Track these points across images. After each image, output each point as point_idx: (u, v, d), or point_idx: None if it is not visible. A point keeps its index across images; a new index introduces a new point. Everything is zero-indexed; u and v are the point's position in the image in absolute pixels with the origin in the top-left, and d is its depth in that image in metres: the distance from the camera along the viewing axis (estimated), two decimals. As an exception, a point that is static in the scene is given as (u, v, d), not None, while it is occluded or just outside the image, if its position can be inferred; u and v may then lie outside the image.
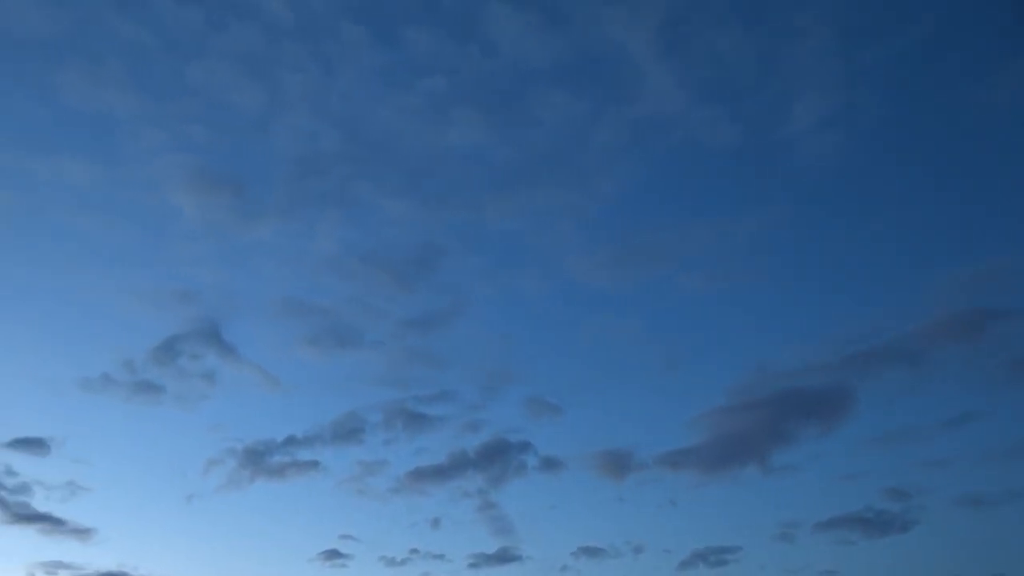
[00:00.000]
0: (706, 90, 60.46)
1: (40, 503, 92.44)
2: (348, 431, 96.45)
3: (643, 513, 61.07)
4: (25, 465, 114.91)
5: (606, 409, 67.57)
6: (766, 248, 62.22)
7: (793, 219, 60.74)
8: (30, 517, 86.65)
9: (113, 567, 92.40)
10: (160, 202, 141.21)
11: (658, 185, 68.05)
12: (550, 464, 60.75)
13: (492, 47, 61.75)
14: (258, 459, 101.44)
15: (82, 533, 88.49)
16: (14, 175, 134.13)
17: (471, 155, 68.82)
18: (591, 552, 58.13)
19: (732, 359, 63.08)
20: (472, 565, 72.57)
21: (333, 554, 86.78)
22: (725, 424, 54.84)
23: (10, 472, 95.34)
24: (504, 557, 59.72)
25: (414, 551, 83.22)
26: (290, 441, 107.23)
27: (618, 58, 60.54)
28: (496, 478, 63.43)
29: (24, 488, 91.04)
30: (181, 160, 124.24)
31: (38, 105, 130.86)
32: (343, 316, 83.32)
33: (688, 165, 67.02)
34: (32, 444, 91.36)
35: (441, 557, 79.39)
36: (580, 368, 69.59)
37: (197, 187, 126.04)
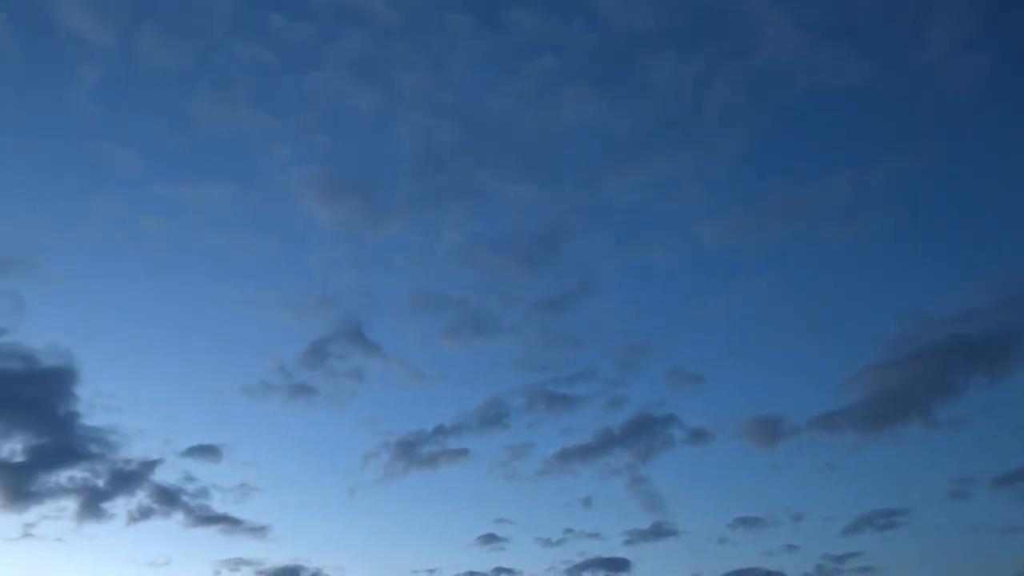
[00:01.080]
0: (825, 28, 54.60)
1: (218, 505, 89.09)
2: (493, 417, 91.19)
3: (799, 479, 56.34)
4: (201, 471, 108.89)
5: (752, 375, 62.68)
6: (910, 191, 57.01)
7: (937, 156, 55.19)
8: (210, 519, 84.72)
9: (288, 561, 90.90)
10: (295, 213, 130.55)
11: (784, 138, 61.65)
12: (697, 436, 57.07)
13: (596, 19, 58.90)
14: (410, 450, 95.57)
15: (258, 531, 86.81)
16: (162, 202, 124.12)
17: (586, 130, 65.05)
18: (748, 523, 54.87)
19: (883, 312, 58.33)
20: (627, 542, 68.64)
21: (490, 538, 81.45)
22: (882, 380, 50.96)
23: (189, 478, 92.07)
24: (659, 532, 56.24)
25: (568, 531, 78.43)
26: (439, 431, 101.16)
27: (726, 10, 56.36)
28: (643, 453, 59.72)
29: (203, 492, 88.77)
30: (310, 170, 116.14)
31: (175, 134, 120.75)
32: (477, 305, 78.85)
33: (814, 112, 60.34)
34: (206, 451, 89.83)
35: (596, 535, 74.67)
36: (720, 335, 64.57)
37: (327, 194, 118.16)
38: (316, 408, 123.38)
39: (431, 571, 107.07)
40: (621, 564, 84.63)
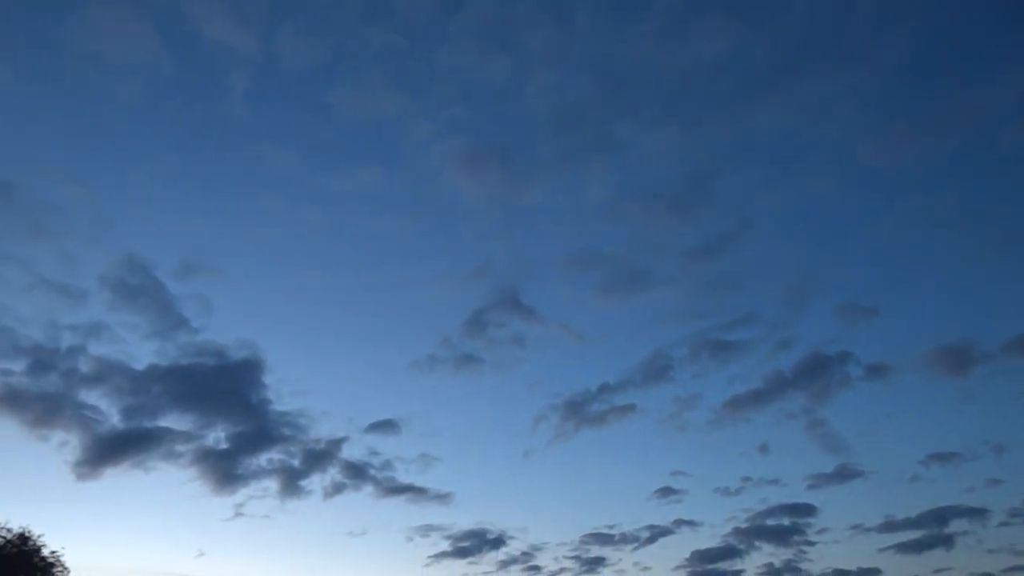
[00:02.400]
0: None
1: (402, 476, 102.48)
2: (657, 370, 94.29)
3: (997, 409, 53.11)
4: (384, 444, 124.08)
5: (931, 301, 58.94)
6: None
7: None
8: (397, 489, 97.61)
9: (474, 525, 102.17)
10: (441, 188, 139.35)
11: (948, 39, 56.05)
12: (876, 372, 55.19)
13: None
14: (578, 410, 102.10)
15: (442, 498, 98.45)
16: (317, 193, 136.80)
17: (724, 63, 62.77)
18: (943, 458, 52.86)
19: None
20: (811, 487, 67.75)
21: (667, 491, 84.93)
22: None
23: (373, 452, 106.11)
24: (844, 474, 55.22)
25: (747, 479, 80.00)
26: (604, 389, 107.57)
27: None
28: (819, 394, 58.70)
29: (388, 465, 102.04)
30: (450, 145, 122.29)
31: (322, 127, 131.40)
32: (629, 259, 79.74)
33: (984, 6, 54.20)
34: (386, 426, 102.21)
35: (776, 482, 75.26)
36: (892, 262, 60.95)
37: (469, 166, 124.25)
38: (483, 376, 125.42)
39: (610, 526, 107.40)
40: (806, 509, 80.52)
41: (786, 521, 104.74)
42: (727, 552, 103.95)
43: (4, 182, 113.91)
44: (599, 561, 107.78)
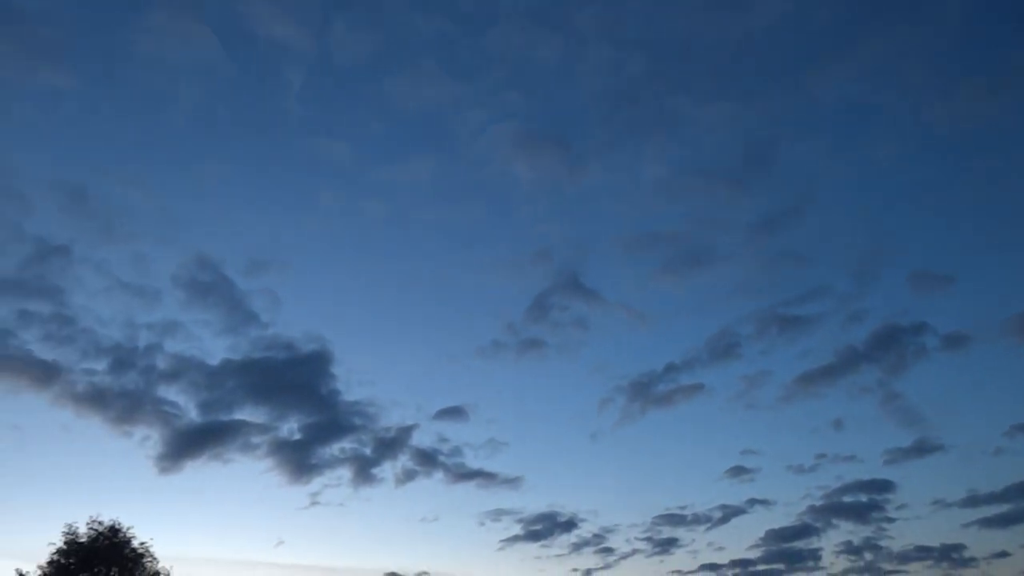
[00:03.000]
0: None
1: (472, 461, 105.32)
2: (724, 348, 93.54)
3: None
4: (452, 431, 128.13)
5: (1011, 267, 56.67)
6: None
7: None
8: (467, 475, 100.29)
9: (544, 508, 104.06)
10: (497, 173, 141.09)
11: None
12: (954, 341, 53.10)
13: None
14: (644, 391, 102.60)
15: (512, 482, 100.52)
16: (375, 185, 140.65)
17: (780, 31, 60.70)
18: None
19: None
20: (888, 462, 65.82)
21: (739, 470, 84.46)
22: None
23: (442, 439, 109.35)
24: (923, 448, 53.34)
25: (821, 456, 78.83)
26: (670, 369, 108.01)
27: None
28: (893, 367, 56.88)
29: (457, 451, 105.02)
30: (504, 129, 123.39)
31: (376, 119, 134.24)
32: (690, 236, 78.58)
33: None
34: (454, 412, 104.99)
35: (852, 458, 73.63)
36: (967, 228, 58.47)
37: (524, 150, 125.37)
38: (547, 360, 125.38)
39: (682, 507, 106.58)
40: (884, 485, 77.97)
41: (863, 498, 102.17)
42: (802, 531, 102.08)
43: (77, 187, 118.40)
44: (672, 542, 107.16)
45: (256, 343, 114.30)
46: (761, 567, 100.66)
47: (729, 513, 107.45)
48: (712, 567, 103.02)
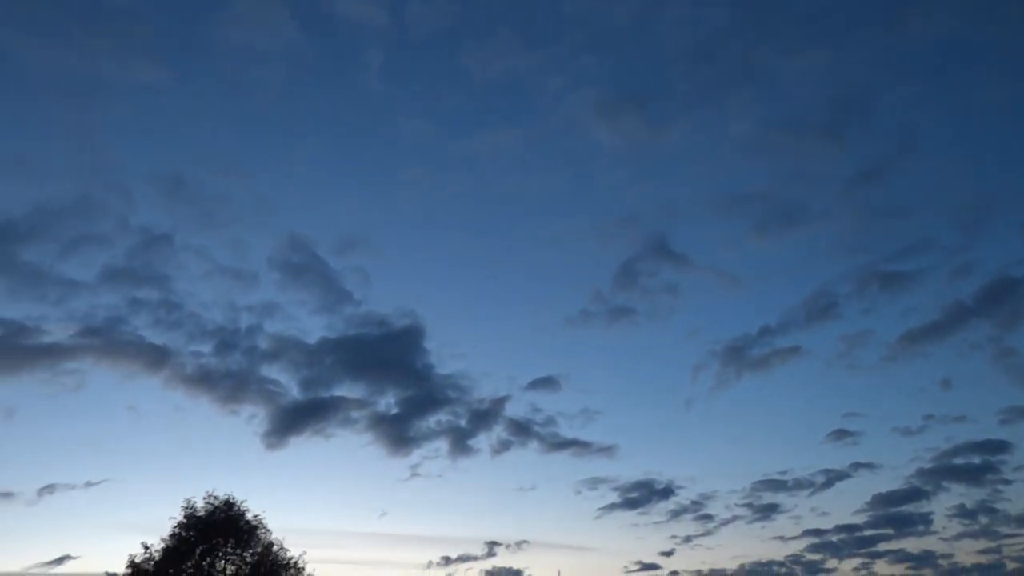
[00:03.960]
0: None
1: (566, 431, 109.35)
2: (821, 309, 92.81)
3: None
4: (545, 401, 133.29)
5: None
6: None
7: None
8: (562, 444, 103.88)
9: (640, 476, 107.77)
10: (578, 139, 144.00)
11: None
12: None
13: None
14: (739, 355, 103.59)
15: (607, 451, 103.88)
16: (456, 159, 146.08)
17: None
18: None
19: None
20: (1003, 422, 64.39)
21: (841, 433, 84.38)
22: None
23: (536, 409, 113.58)
24: None
25: (928, 417, 78.10)
26: (765, 332, 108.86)
27: None
28: (1006, 322, 54.37)
29: (551, 421, 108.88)
30: (584, 95, 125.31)
31: (455, 92, 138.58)
32: (781, 194, 76.56)
33: None
34: (546, 382, 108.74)
35: (962, 418, 72.56)
36: None
37: (605, 114, 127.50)
38: (638, 328, 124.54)
39: (782, 472, 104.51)
40: (999, 446, 73.94)
41: (976, 459, 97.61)
42: (911, 494, 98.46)
43: (176, 177, 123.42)
44: (772, 508, 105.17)
45: (350, 320, 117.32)
46: (868, 532, 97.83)
47: (832, 477, 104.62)
48: (816, 532, 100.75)
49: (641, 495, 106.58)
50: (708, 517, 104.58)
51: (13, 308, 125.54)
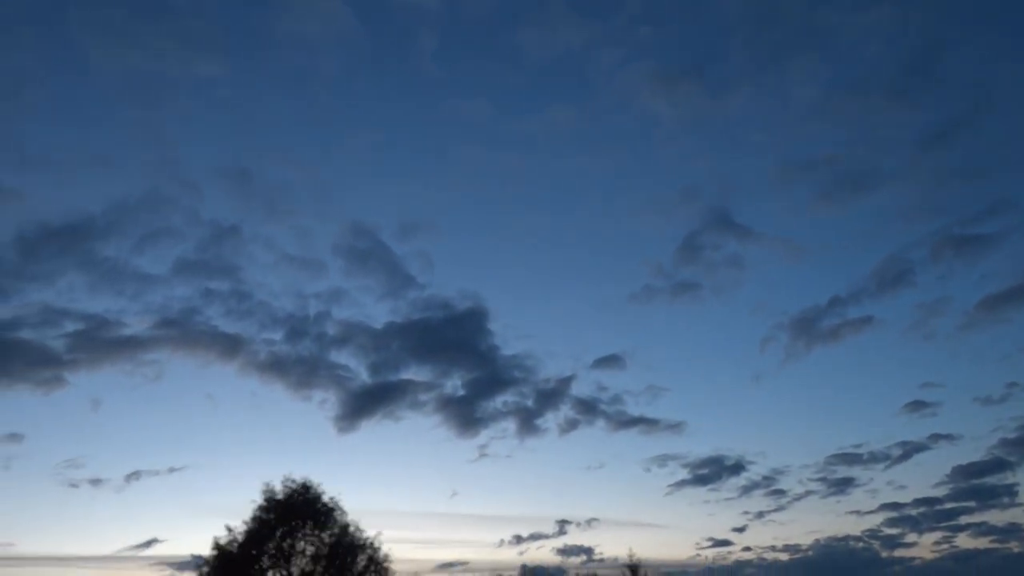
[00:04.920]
0: None
1: (632, 408, 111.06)
2: (893, 276, 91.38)
3: None
4: (611, 379, 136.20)
5: None
6: None
7: None
8: (629, 422, 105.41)
9: (710, 452, 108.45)
10: (636, 113, 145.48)
11: None
12: None
13: None
14: (808, 327, 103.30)
15: (675, 427, 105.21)
16: (513, 138, 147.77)
17: None
18: None
19: None
20: None
21: (918, 405, 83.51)
22: None
23: (602, 388, 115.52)
24: None
25: (1012, 385, 76.94)
26: (835, 302, 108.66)
27: None
28: None
29: (617, 399, 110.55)
30: (640, 67, 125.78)
31: (510, 71, 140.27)
32: (848, 159, 74.99)
33: None
34: (611, 360, 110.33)
35: None
36: None
37: (662, 86, 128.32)
38: (702, 302, 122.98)
39: (857, 445, 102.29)
40: (1092, 416, 70.55)
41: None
42: (995, 465, 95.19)
43: (242, 170, 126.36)
44: (848, 482, 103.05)
45: (415, 304, 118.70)
46: (949, 505, 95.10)
47: (910, 450, 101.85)
48: (894, 507, 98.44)
49: (711, 471, 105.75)
50: (780, 492, 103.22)
51: (94, 303, 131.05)
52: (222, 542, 46.56)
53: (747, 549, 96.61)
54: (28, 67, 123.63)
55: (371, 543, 48.86)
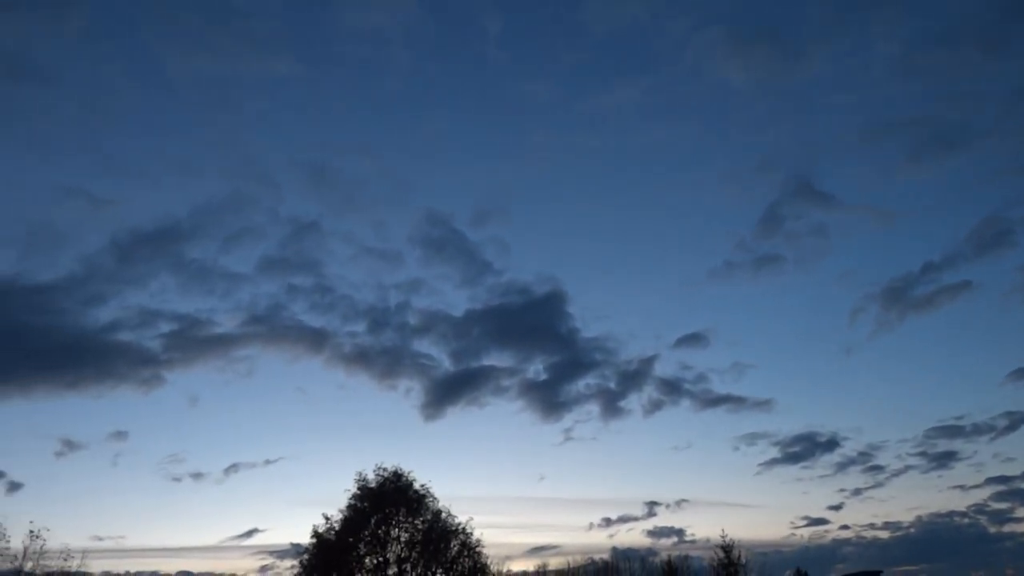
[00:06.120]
0: None
1: (718, 387, 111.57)
2: (992, 238, 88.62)
3: None
4: (694, 358, 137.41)
5: None
6: None
7: None
8: (715, 400, 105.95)
9: (801, 429, 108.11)
10: (706, 84, 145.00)
11: None
12: None
13: None
14: (900, 296, 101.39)
15: (762, 405, 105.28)
16: (582, 117, 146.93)
17: None
18: None
19: None
20: None
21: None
22: None
23: (685, 367, 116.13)
24: None
25: None
26: (928, 268, 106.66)
27: None
28: None
29: (701, 377, 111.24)
30: (710, 35, 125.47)
31: (575, 50, 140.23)
32: (937, 117, 72.73)
33: None
34: (693, 339, 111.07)
35: None
36: None
37: (735, 52, 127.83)
38: (786, 275, 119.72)
39: (958, 417, 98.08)
40: None
41: None
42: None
43: (317, 166, 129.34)
44: (950, 455, 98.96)
45: (493, 291, 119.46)
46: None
47: (1017, 420, 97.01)
48: (1001, 480, 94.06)
49: (803, 449, 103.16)
50: (878, 468, 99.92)
51: (185, 303, 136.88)
52: (320, 530, 47.87)
53: (845, 527, 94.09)
54: (112, 81, 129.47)
55: (463, 528, 49.47)
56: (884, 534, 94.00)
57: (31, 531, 38.06)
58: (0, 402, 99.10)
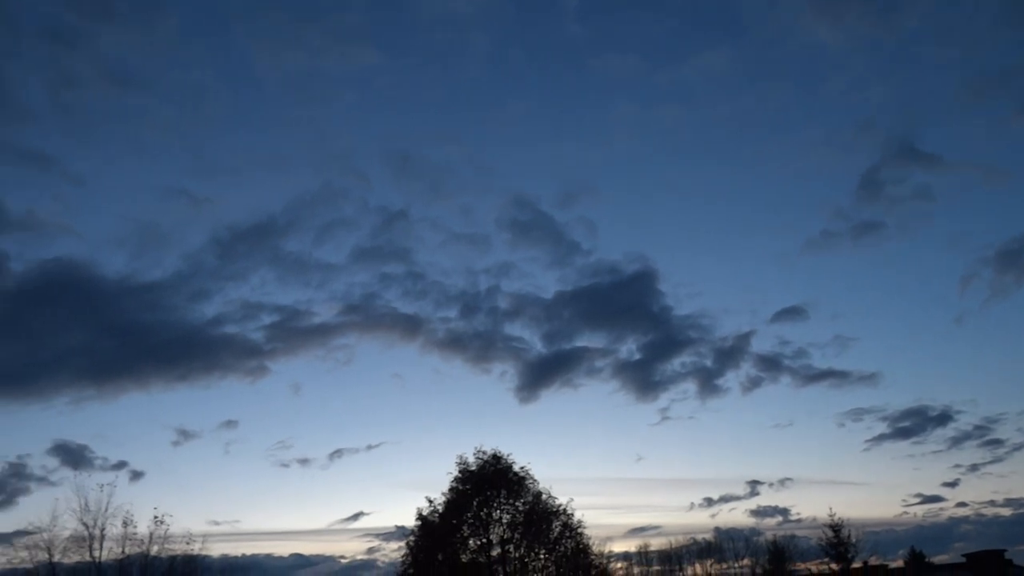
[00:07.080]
0: None
1: (819, 361, 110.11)
2: None
3: None
4: (793, 332, 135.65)
5: None
6: None
7: None
8: (816, 376, 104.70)
9: (910, 403, 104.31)
10: (799, 45, 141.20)
11: None
12: None
13: None
14: (1016, 259, 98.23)
15: (867, 379, 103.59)
16: (669, 89, 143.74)
17: None
18: None
19: None
20: None
21: None
22: None
23: (783, 342, 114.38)
24: None
25: None
26: None
27: None
28: None
29: (801, 352, 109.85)
30: None
31: (657, 17, 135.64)
32: None
33: None
34: (791, 313, 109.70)
35: None
36: None
37: (826, 10, 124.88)
38: (888, 242, 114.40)
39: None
40: None
41: None
42: None
43: (403, 154, 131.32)
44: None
45: (582, 271, 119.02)
46: None
47: None
48: None
49: (913, 424, 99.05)
50: (997, 442, 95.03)
51: (285, 295, 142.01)
52: (425, 513, 49.05)
53: (962, 505, 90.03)
54: (203, 81, 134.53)
55: (564, 509, 49.77)
56: (1006, 511, 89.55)
57: (155, 517, 39.51)
58: (120, 395, 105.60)
